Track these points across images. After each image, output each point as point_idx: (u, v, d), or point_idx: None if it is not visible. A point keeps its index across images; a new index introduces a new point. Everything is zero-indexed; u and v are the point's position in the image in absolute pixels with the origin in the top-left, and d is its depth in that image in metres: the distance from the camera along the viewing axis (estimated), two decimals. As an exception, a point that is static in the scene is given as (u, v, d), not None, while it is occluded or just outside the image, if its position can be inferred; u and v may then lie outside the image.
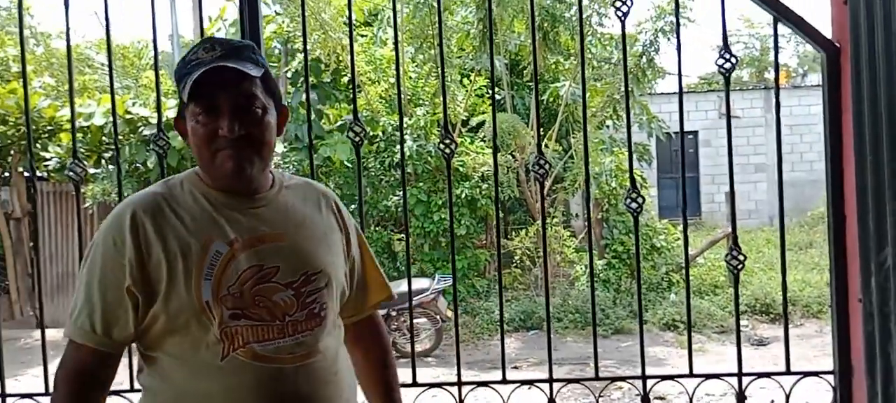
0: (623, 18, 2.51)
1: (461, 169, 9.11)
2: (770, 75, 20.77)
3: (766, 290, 8.71)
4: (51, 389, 1.44)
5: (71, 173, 2.70)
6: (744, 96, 16.46)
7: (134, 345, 1.48)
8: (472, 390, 2.73)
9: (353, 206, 9.21)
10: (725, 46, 2.46)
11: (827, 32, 2.49)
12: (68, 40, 2.78)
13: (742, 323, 8.04)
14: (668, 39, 8.91)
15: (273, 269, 1.42)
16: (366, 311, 1.68)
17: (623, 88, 9.38)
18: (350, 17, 2.60)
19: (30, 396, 2.83)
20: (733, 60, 2.47)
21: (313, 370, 1.44)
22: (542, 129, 3.18)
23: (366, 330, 1.68)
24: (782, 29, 2.54)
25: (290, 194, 1.52)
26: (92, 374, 1.40)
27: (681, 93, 2.59)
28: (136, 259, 1.36)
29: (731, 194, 2.60)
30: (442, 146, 2.58)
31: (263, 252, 1.42)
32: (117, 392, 2.84)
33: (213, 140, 1.39)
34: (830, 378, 2.60)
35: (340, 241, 1.57)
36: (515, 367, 6.77)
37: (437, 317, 7.38)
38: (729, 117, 2.56)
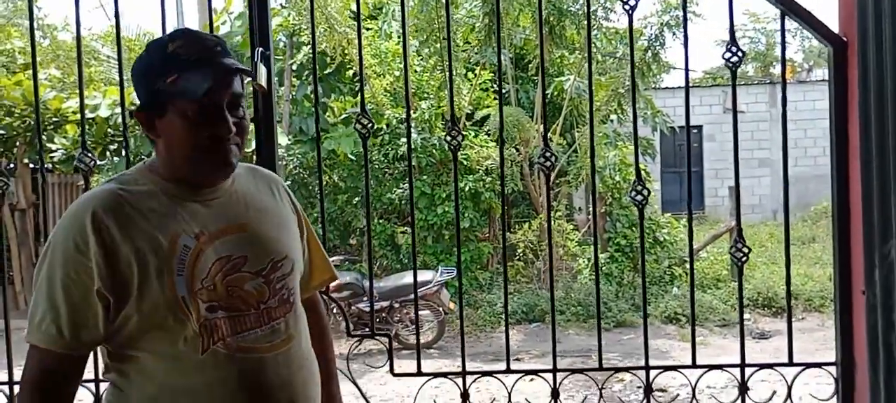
0: (630, 12, 2.52)
1: (465, 162, 9.12)
2: (775, 70, 20.73)
3: (768, 284, 8.72)
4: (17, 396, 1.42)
5: (80, 164, 2.72)
6: (748, 91, 16.43)
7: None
8: (475, 380, 2.75)
9: (357, 199, 9.25)
10: (733, 40, 2.47)
11: (834, 26, 2.50)
12: (78, 32, 2.80)
13: (745, 316, 8.08)
14: (674, 34, 8.90)
15: (241, 259, 1.42)
16: (310, 291, 1.70)
17: (628, 82, 9.41)
18: (358, 10, 2.61)
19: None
20: (740, 54, 2.48)
21: (290, 355, 1.47)
22: (546, 123, 3.20)
23: (308, 308, 1.67)
24: (789, 23, 2.54)
25: (242, 183, 1.51)
26: (60, 378, 1.38)
27: (687, 87, 2.60)
28: (104, 260, 1.32)
29: (736, 187, 2.62)
30: (448, 138, 2.59)
31: (229, 243, 1.42)
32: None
33: (206, 139, 1.37)
34: (833, 369, 2.62)
35: (295, 225, 1.60)
36: (518, 359, 6.80)
37: (440, 309, 7.40)
38: (735, 111, 2.57)
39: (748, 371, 2.65)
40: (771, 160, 15.89)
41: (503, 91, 9.79)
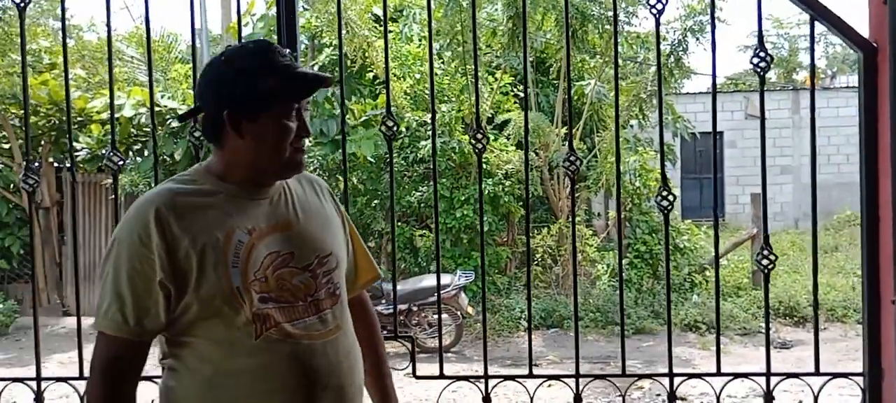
0: (657, 15, 2.51)
1: (485, 166, 9.11)
2: (798, 76, 20.54)
3: (790, 293, 8.63)
4: (86, 374, 1.52)
5: (109, 163, 2.75)
6: (771, 97, 16.28)
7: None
8: (497, 384, 2.75)
9: (376, 201, 9.27)
10: (760, 45, 2.45)
11: (864, 31, 2.47)
12: (109, 33, 2.83)
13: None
14: (697, 39, 8.84)
15: (289, 255, 1.53)
16: (356, 290, 1.79)
17: (649, 87, 9.34)
18: (385, 11, 2.62)
19: (65, 379, 2.90)
20: (769, 59, 2.46)
21: (337, 344, 1.57)
22: (571, 127, 3.20)
23: (356, 307, 1.76)
24: (807, 30, 2.52)
25: (291, 184, 1.63)
26: (126, 364, 1.47)
27: (714, 92, 2.59)
28: (165, 253, 1.42)
29: (763, 193, 2.60)
30: (473, 141, 2.59)
31: (278, 239, 1.53)
32: (148, 378, 2.90)
33: (295, 140, 1.52)
34: (860, 379, 2.58)
35: (339, 226, 1.71)
36: (536, 365, 6.78)
37: (458, 313, 7.39)
38: (763, 116, 2.55)
39: (773, 380, 2.62)
40: (793, 167, 15.75)
41: (523, 95, 9.72)
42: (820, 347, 2.58)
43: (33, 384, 2.81)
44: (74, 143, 8.90)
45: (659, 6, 2.49)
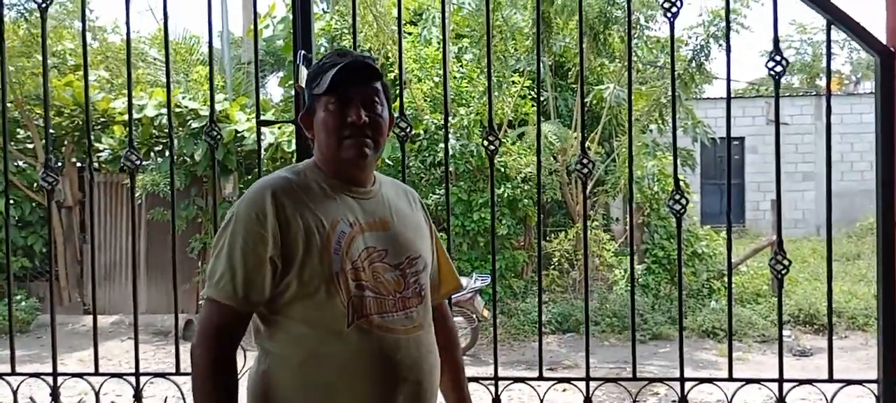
0: (672, 19, 2.50)
1: (503, 169, 9.10)
2: (822, 82, 20.30)
3: (810, 301, 8.52)
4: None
5: (127, 162, 2.79)
6: (793, 103, 16.12)
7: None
8: (508, 386, 2.75)
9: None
10: (776, 49, 2.43)
11: (881, 36, 2.45)
12: (128, 34, 2.88)
13: (785, 333, 7.89)
14: (720, 45, 8.79)
15: (383, 251, 1.65)
16: (438, 298, 1.88)
17: (669, 92, 9.27)
18: (400, 14, 2.63)
19: (80, 375, 2.95)
20: (784, 63, 2.44)
21: (420, 341, 1.67)
22: (584, 131, 3.19)
23: (438, 315, 1.84)
24: (836, 34, 2.50)
25: (387, 189, 1.76)
26: (230, 331, 1.58)
27: (729, 98, 2.57)
28: (278, 231, 1.55)
29: (777, 198, 2.58)
30: (485, 143, 2.60)
31: (375, 236, 1.65)
32: (163, 375, 2.94)
33: (342, 127, 1.62)
34: (874, 387, 2.55)
35: (427, 234, 1.82)
36: (551, 369, 6.76)
37: (474, 316, 7.39)
38: (777, 121, 2.53)
39: (787, 386, 2.60)
40: (815, 174, 15.55)
41: (541, 99, 9.76)
42: (841, 355, 2.56)
43: (50, 379, 2.86)
44: (97, 144, 9.03)
45: (673, 10, 2.48)
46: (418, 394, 1.65)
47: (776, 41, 2.45)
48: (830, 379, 2.61)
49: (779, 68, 2.45)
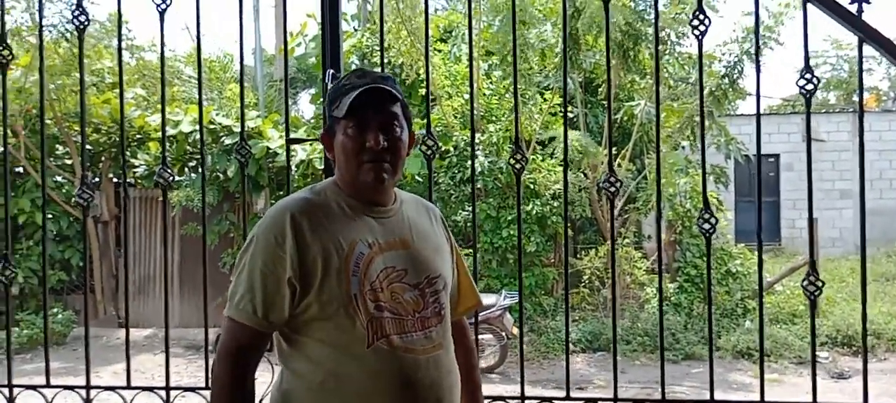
0: (700, 37, 2.48)
1: (532, 186, 9.07)
2: (858, 98, 19.92)
3: (848, 322, 8.32)
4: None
5: (160, 179, 2.84)
6: (830, 119, 15.83)
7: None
8: (535, 405, 2.72)
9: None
10: (807, 66, 2.40)
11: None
12: (162, 53, 2.94)
13: (822, 355, 7.71)
14: (754, 62, 8.68)
15: (403, 271, 1.65)
16: (456, 316, 1.88)
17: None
18: (426, 32, 2.65)
19: (112, 388, 2.99)
20: (815, 81, 2.41)
21: (440, 360, 1.67)
22: (615, 148, 3.16)
23: (456, 332, 1.83)
24: (873, 50, 2.46)
25: (407, 208, 1.76)
26: (250, 351, 1.60)
27: (758, 114, 2.54)
28: (296, 254, 1.56)
29: (809, 217, 2.53)
30: (512, 161, 2.60)
31: (394, 256, 1.65)
32: (193, 389, 2.97)
33: (360, 151, 1.63)
34: (914, 414, 2.48)
35: (448, 251, 1.82)
36: (580, 389, 6.68)
37: (503, 334, 7.35)
38: (809, 139, 2.49)
39: (821, 410, 2.54)
40: (853, 191, 15.24)
41: (571, 115, 9.72)
42: (879, 378, 2.49)
43: (83, 392, 2.90)
44: (133, 160, 9.21)
45: (701, 27, 2.46)
46: None
47: (806, 59, 2.42)
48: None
49: (809, 86, 2.41)
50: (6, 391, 2.97)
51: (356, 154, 1.63)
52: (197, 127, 8.67)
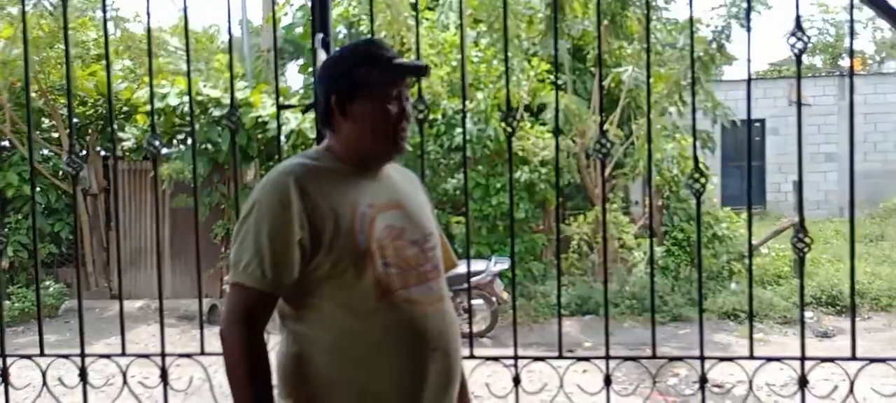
0: (691, 0, 2.49)
1: (521, 153, 9.10)
2: (843, 62, 20.00)
3: (832, 282, 8.47)
4: (223, 333, 1.62)
5: (150, 147, 2.84)
6: (816, 83, 15.92)
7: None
8: (527, 365, 2.77)
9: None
10: (798, 26, 2.41)
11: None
12: (148, 25, 2.92)
13: (807, 314, 7.84)
14: (742, 25, 8.68)
15: (402, 229, 1.71)
16: None
17: (689, 74, 9.20)
18: (416, 2, 2.65)
19: (108, 356, 3.01)
20: (806, 40, 2.42)
21: (444, 312, 1.74)
22: (603, 114, 3.18)
23: None
24: (859, 14, 2.48)
25: (392, 172, 1.81)
26: (260, 314, 1.62)
27: (749, 79, 2.57)
28: (305, 215, 1.59)
29: (799, 178, 2.57)
30: (503, 124, 2.62)
31: (392, 215, 1.71)
32: (188, 355, 3.00)
33: (395, 121, 1.70)
34: (896, 365, 2.54)
35: (430, 212, 1.89)
36: (570, 351, 6.76)
37: (493, 299, 7.43)
38: (799, 99, 2.52)
39: (808, 364, 2.60)
40: (838, 155, 15.38)
41: (560, 82, 9.71)
42: (864, 335, 2.56)
43: (78, 360, 2.92)
44: (121, 133, 9.14)
45: (691, -11, 2.47)
46: (447, 363, 1.72)
47: (798, 18, 2.43)
48: (853, 357, 2.61)
49: (800, 45, 2.42)
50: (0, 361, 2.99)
51: (390, 123, 1.69)
52: (183, 99, 8.63)
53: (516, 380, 2.70)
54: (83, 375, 2.92)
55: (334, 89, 1.70)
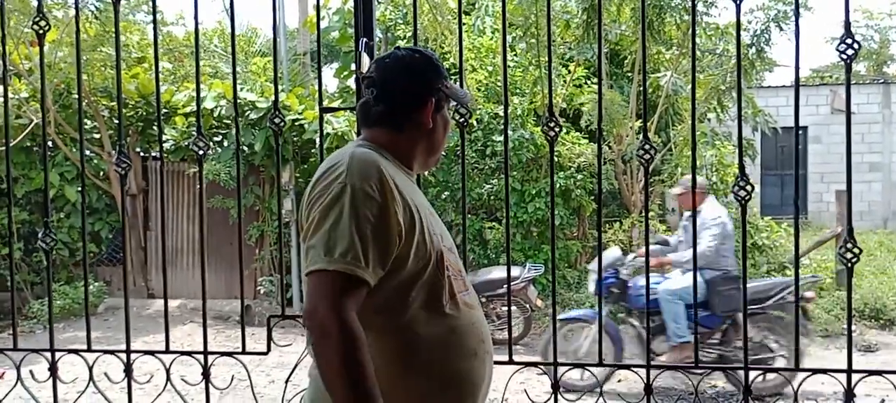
0: (738, 3, 2.45)
1: (557, 159, 9.05)
2: (889, 69, 19.56)
3: (876, 295, 8.24)
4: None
5: (195, 146, 2.89)
6: (860, 91, 15.56)
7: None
8: (567, 371, 2.75)
9: (446, 193, 9.33)
10: (847, 31, 2.35)
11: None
12: (196, 31, 2.96)
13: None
14: (781, 29, 8.52)
15: (442, 235, 1.69)
16: None
17: (728, 79, 9.04)
18: (459, 4, 2.64)
19: (153, 353, 3.06)
20: (856, 46, 2.36)
21: (483, 317, 1.75)
22: (641, 120, 3.13)
23: None
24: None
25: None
26: (354, 302, 1.47)
27: (797, 84, 2.51)
28: (395, 205, 1.52)
29: (848, 185, 2.51)
30: (545, 128, 2.60)
31: (436, 222, 1.69)
32: (230, 354, 3.03)
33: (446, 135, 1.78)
34: (951, 381, 2.46)
35: None
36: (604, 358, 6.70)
37: (527, 306, 7.39)
38: (849, 107, 2.46)
39: (855, 377, 2.53)
40: (882, 164, 15.03)
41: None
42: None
43: (123, 356, 2.98)
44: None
45: (739, -8, 2.43)
46: (491, 361, 1.74)
47: (848, 24, 2.37)
48: (902, 371, 2.53)
49: (850, 51, 2.36)
50: (48, 355, 3.05)
51: (445, 136, 1.77)
52: (220, 102, 8.76)
53: (555, 387, 2.68)
54: (129, 371, 2.97)
55: (433, 91, 1.70)
